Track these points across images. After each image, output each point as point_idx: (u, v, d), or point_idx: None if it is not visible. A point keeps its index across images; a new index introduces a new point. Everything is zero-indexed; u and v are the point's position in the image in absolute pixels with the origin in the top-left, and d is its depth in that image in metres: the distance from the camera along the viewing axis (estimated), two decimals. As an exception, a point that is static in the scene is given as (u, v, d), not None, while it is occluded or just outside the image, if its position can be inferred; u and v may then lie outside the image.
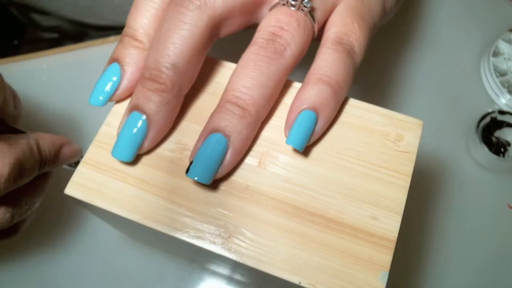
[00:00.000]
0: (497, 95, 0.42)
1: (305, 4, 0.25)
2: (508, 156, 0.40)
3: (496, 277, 0.37)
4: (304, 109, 0.24)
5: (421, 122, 0.25)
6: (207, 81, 0.26)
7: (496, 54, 0.43)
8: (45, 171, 0.29)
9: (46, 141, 0.28)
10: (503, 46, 0.44)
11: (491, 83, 0.43)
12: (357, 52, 0.25)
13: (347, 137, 0.25)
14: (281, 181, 0.24)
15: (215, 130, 0.23)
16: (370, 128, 0.25)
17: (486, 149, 0.39)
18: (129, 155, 0.24)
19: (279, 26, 0.24)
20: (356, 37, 0.25)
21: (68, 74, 0.44)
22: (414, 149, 0.24)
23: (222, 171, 0.23)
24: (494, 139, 0.41)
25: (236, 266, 0.25)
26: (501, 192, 0.40)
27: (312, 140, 0.24)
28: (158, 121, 0.24)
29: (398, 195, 0.23)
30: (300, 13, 0.25)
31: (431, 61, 0.45)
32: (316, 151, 0.24)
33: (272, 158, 0.24)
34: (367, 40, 0.26)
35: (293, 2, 0.25)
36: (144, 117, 0.23)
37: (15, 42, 0.52)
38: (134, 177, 0.24)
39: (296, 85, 0.26)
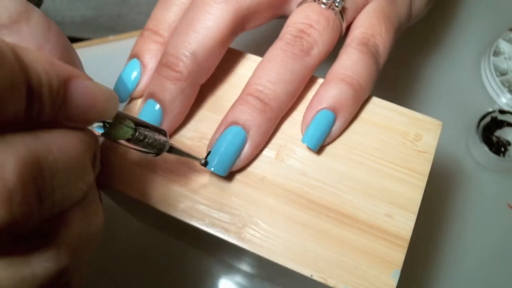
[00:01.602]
0: (497, 94, 0.42)
1: (336, 4, 0.25)
2: (509, 155, 0.40)
3: (496, 277, 0.37)
4: (322, 108, 0.24)
5: (440, 123, 0.25)
6: (230, 72, 0.27)
7: (496, 53, 0.43)
8: (45, 114, 0.15)
9: (34, 57, 0.14)
10: (503, 45, 0.43)
11: (491, 83, 0.42)
12: (381, 55, 0.25)
13: (365, 134, 0.25)
14: (298, 174, 0.24)
15: (235, 123, 0.23)
16: (389, 127, 0.25)
17: (486, 148, 0.39)
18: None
19: (308, 24, 0.24)
20: (382, 39, 0.25)
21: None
22: (432, 150, 0.24)
23: (239, 164, 0.23)
24: (494, 139, 0.40)
25: (247, 256, 0.26)
26: (501, 192, 0.40)
27: (328, 140, 0.24)
28: (172, 110, 0.24)
29: (414, 194, 0.23)
30: (330, 12, 0.25)
31: (431, 61, 0.45)
32: (333, 146, 0.24)
33: (289, 151, 0.24)
34: (392, 43, 0.26)
35: (324, 0, 0.25)
36: (158, 106, 0.24)
37: None
38: (152, 163, 0.24)
39: (319, 81, 0.26)
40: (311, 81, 0.26)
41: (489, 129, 0.40)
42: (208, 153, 0.23)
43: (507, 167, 0.40)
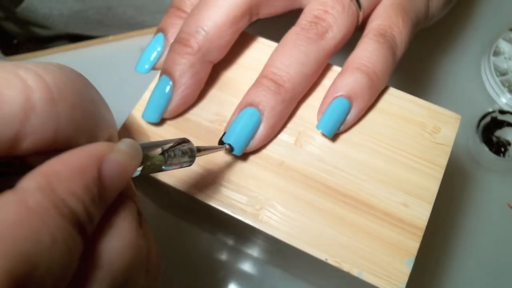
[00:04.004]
0: (497, 94, 0.42)
1: None
2: (509, 156, 0.40)
3: (495, 277, 0.37)
4: (338, 96, 0.24)
5: (459, 116, 0.25)
6: (250, 58, 0.27)
7: (496, 53, 0.43)
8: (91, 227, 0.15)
9: (62, 177, 0.14)
10: (503, 45, 0.43)
11: (491, 83, 0.42)
12: (398, 46, 0.26)
13: (384, 124, 0.25)
14: (316, 160, 0.24)
15: (250, 104, 0.24)
16: (408, 118, 0.25)
17: (486, 148, 0.39)
18: (154, 116, 0.25)
19: (324, 9, 0.25)
20: (399, 31, 0.26)
21: (67, 73, 0.45)
22: (450, 142, 0.25)
23: (254, 144, 0.24)
24: (494, 139, 0.40)
25: (261, 239, 0.26)
26: (501, 192, 0.40)
27: (343, 128, 0.24)
28: (182, 84, 0.24)
29: (431, 185, 0.24)
30: None
31: (431, 61, 0.45)
32: (353, 135, 0.25)
33: (308, 137, 0.25)
34: (410, 36, 0.27)
35: None
36: (170, 81, 0.24)
37: (15, 42, 0.52)
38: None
39: (338, 69, 0.26)
40: (330, 70, 0.26)
41: (489, 129, 0.40)
42: (224, 134, 0.24)
43: (507, 167, 0.40)
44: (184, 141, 0.20)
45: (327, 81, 0.26)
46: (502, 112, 0.40)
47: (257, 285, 0.36)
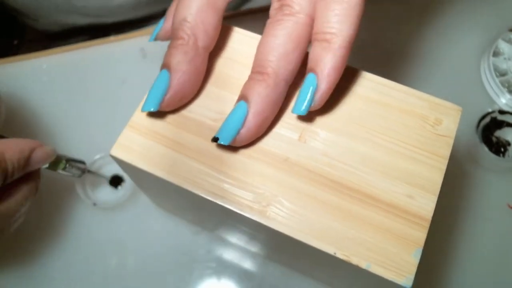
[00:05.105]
0: (497, 95, 0.42)
1: None
2: (508, 156, 0.40)
3: (495, 277, 0.37)
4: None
5: (460, 108, 0.25)
6: (251, 57, 0.27)
7: (496, 53, 0.43)
8: (14, 178, 0.28)
9: (11, 150, 0.28)
10: (503, 45, 0.44)
11: (491, 83, 0.43)
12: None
13: (386, 118, 0.25)
14: (320, 155, 0.24)
15: (240, 98, 0.24)
16: (409, 111, 0.25)
17: (486, 149, 0.39)
18: (152, 104, 0.25)
19: None
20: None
21: (68, 74, 0.45)
22: (452, 134, 0.25)
23: (243, 133, 0.24)
24: (494, 139, 0.40)
25: (268, 236, 0.26)
26: (501, 192, 0.40)
27: (319, 97, 0.24)
28: (179, 70, 0.25)
29: (435, 176, 0.24)
30: None
31: (431, 61, 0.45)
32: (355, 129, 0.25)
33: (312, 133, 0.25)
34: None
35: None
36: (168, 72, 0.25)
37: (15, 42, 0.52)
38: (177, 142, 0.25)
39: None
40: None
41: (489, 129, 0.41)
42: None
43: (507, 167, 0.40)
44: (83, 162, 0.35)
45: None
46: (501, 112, 0.41)
47: (258, 283, 0.36)
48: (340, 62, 0.23)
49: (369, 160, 0.24)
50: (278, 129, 0.25)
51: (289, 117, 0.25)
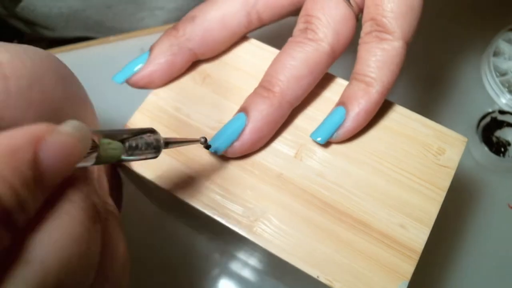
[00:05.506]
0: (497, 95, 0.42)
1: None
2: (508, 156, 0.40)
3: (495, 278, 0.37)
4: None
5: (465, 139, 0.25)
6: (258, 67, 0.27)
7: (496, 53, 0.43)
8: (31, 212, 0.13)
9: None
10: (503, 45, 0.43)
11: (491, 83, 0.42)
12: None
13: (388, 142, 0.24)
14: (315, 175, 0.24)
15: (240, 110, 0.24)
16: (412, 137, 0.25)
17: (486, 149, 0.39)
18: (119, 78, 0.26)
19: (313, 15, 0.24)
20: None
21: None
22: (454, 165, 0.24)
23: (237, 146, 0.23)
24: (494, 139, 0.40)
25: (256, 250, 0.26)
26: (501, 192, 0.39)
27: (342, 134, 0.24)
28: (155, 59, 0.25)
29: (431, 208, 0.23)
30: None
31: (431, 61, 0.44)
32: (354, 151, 0.24)
33: (309, 151, 0.24)
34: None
35: None
36: (147, 55, 0.26)
37: (15, 42, 0.52)
38: (173, 150, 0.25)
39: (339, 81, 0.26)
40: (334, 82, 0.26)
41: (489, 129, 0.40)
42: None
43: (507, 167, 0.40)
44: (150, 131, 0.18)
45: (330, 94, 0.26)
46: (502, 112, 0.41)
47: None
48: (373, 108, 0.23)
49: (365, 184, 0.24)
50: (275, 143, 0.25)
51: (287, 132, 0.25)
